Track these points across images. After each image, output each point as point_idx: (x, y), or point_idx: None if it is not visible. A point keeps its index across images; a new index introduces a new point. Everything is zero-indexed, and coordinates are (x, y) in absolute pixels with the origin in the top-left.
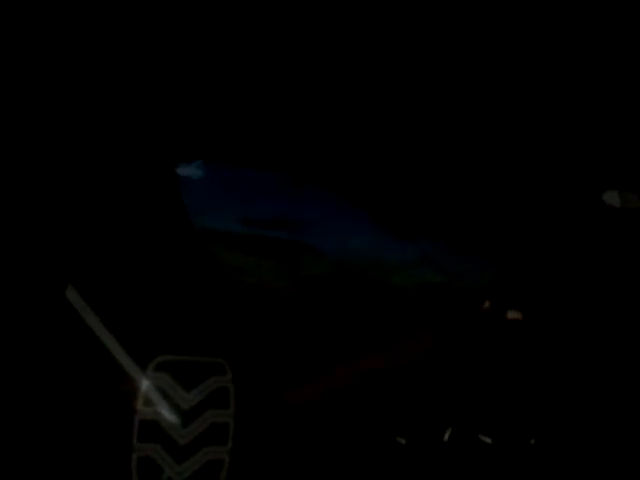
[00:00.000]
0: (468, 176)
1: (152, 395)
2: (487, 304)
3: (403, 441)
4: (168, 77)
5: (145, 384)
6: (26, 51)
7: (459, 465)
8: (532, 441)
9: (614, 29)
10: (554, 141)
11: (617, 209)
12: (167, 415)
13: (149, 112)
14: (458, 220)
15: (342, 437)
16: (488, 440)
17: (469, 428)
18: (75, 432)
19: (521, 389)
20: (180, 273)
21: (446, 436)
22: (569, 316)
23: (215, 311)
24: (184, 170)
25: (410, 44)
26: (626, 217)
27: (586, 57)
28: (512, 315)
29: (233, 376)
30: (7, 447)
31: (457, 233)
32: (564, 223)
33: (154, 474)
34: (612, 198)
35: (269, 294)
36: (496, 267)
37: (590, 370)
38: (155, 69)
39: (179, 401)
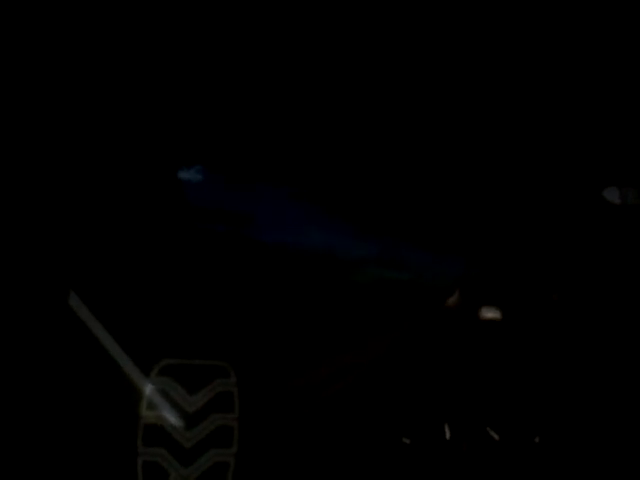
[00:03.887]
0: (444, 171)
1: (156, 399)
2: (456, 296)
3: (408, 441)
4: (170, 86)
5: (149, 388)
6: (26, 53)
7: (464, 464)
8: (537, 439)
9: (614, 29)
10: (553, 139)
11: (617, 205)
12: (172, 419)
13: (151, 120)
14: (422, 216)
15: (346, 439)
16: (495, 436)
17: (473, 427)
18: (80, 437)
19: (523, 388)
20: (182, 277)
21: (447, 434)
22: (566, 313)
23: (218, 314)
24: (184, 174)
25: (387, 45)
26: (626, 213)
27: (586, 57)
28: (491, 315)
29: (237, 379)
30: (12, 451)
31: (421, 229)
32: (563, 219)
33: (160, 478)
34: (612, 194)
35: (265, 296)
36: (465, 264)
37: (591, 368)
38: (157, 79)
39: (183, 404)
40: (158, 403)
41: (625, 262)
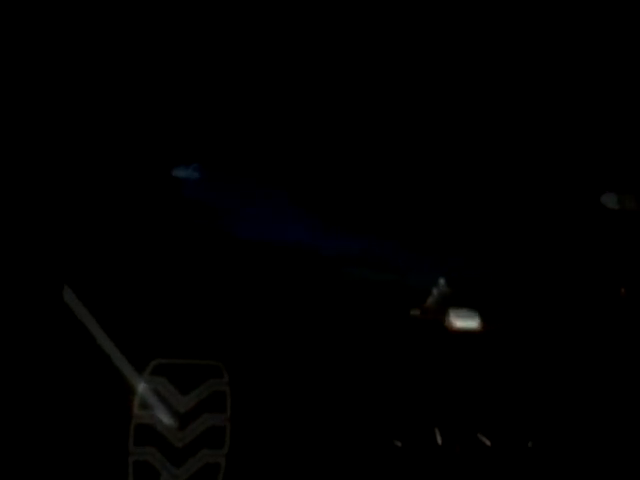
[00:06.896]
0: (433, 172)
1: (149, 398)
2: (437, 296)
3: (399, 444)
4: (167, 85)
5: (142, 387)
6: (26, 52)
7: (456, 467)
8: (530, 444)
9: (614, 29)
10: (552, 144)
11: (615, 211)
12: (164, 418)
13: (149, 118)
14: (408, 215)
15: (338, 441)
16: (487, 442)
17: (466, 430)
18: (72, 435)
19: (517, 392)
20: (177, 276)
21: (438, 438)
22: (562, 317)
23: (211, 314)
24: (181, 172)
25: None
26: (624, 219)
27: (586, 58)
28: (462, 324)
29: (230, 379)
30: (5, 450)
31: (406, 229)
32: (561, 225)
33: (151, 477)
34: (610, 200)
35: (259, 296)
36: (449, 266)
37: (586, 372)
38: (154, 78)
39: (176, 404)
40: (150, 402)
41: (624, 267)
